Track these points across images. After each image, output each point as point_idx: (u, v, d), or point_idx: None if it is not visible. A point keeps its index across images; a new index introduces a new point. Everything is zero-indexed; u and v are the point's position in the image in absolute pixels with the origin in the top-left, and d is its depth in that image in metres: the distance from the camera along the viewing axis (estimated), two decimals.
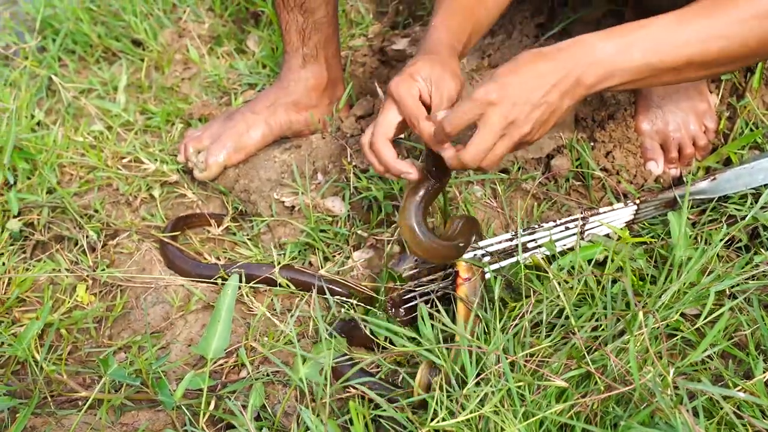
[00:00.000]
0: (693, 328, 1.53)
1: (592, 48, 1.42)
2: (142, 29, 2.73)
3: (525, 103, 1.41)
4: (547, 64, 1.41)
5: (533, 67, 1.41)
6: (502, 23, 2.40)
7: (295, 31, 2.12)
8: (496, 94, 1.39)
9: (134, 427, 1.62)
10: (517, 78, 1.40)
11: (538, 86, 1.41)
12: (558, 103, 1.43)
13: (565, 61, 1.42)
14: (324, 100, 2.22)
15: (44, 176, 2.17)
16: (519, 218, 1.92)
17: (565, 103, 1.45)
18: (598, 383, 1.37)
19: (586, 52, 1.42)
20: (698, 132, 2.00)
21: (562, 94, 1.43)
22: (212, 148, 2.14)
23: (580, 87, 1.43)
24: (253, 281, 1.88)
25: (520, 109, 1.41)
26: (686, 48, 1.44)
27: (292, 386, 1.55)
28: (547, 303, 1.54)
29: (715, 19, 1.43)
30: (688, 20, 1.43)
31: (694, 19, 1.43)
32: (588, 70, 1.41)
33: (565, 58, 1.42)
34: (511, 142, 1.45)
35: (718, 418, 1.36)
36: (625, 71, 1.43)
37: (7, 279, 1.94)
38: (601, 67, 1.42)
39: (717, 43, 1.44)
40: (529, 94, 1.41)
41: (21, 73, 2.62)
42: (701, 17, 1.43)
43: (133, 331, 1.87)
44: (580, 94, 1.45)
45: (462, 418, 1.35)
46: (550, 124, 1.47)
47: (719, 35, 1.43)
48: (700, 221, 1.83)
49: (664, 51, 1.43)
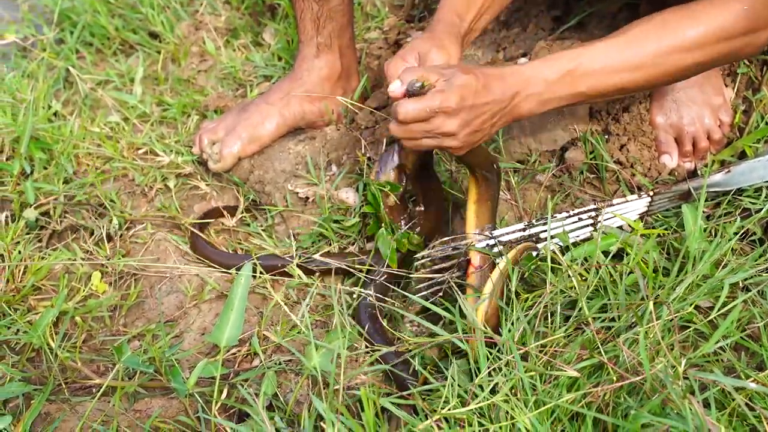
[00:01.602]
0: (706, 321, 1.53)
1: (533, 79, 1.55)
2: (159, 22, 2.74)
3: (466, 123, 1.51)
4: (495, 89, 1.51)
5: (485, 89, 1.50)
6: (517, 17, 2.40)
7: (310, 19, 2.12)
8: (454, 105, 1.47)
9: (147, 414, 1.63)
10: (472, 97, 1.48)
11: (483, 110, 1.51)
12: (489, 128, 1.56)
13: (509, 88, 1.53)
14: (337, 90, 2.22)
15: (61, 166, 2.18)
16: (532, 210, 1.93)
17: (494, 129, 1.58)
18: (610, 374, 1.37)
19: (527, 83, 1.54)
20: (713, 126, 2.00)
21: (496, 121, 1.56)
22: (227, 140, 2.15)
23: (512, 115, 1.57)
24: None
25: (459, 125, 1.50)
26: (616, 77, 1.57)
27: (304, 375, 1.56)
28: (560, 294, 1.55)
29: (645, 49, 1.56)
30: (620, 50, 1.56)
31: (626, 48, 1.56)
32: (525, 100, 1.55)
33: (510, 85, 1.53)
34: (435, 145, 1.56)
35: (729, 410, 1.36)
36: (557, 99, 1.58)
37: (23, 267, 1.95)
38: (537, 99, 1.57)
39: (644, 72, 1.58)
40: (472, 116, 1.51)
41: (39, 65, 2.63)
42: (631, 46, 1.56)
43: (147, 320, 1.88)
44: (509, 120, 1.60)
45: (473, 407, 1.35)
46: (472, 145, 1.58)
47: (645, 65, 1.57)
48: (715, 214, 1.83)
49: (594, 81, 1.57)
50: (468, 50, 2.32)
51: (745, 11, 1.52)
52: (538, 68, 1.55)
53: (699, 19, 1.54)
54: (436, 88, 1.47)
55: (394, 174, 1.79)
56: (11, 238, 2.00)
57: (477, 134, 1.54)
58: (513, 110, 1.56)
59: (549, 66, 1.55)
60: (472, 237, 1.72)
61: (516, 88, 1.53)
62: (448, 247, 1.72)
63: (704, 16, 1.54)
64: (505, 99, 1.53)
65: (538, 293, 1.65)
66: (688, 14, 1.55)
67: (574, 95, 1.58)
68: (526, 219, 1.91)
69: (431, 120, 1.48)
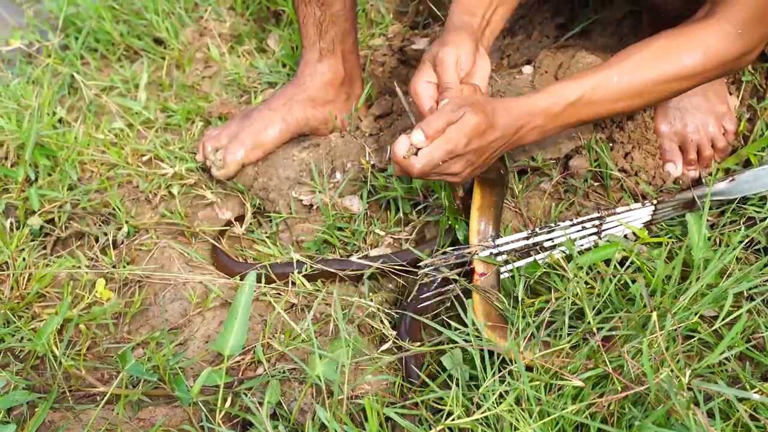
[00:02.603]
0: (710, 330, 1.53)
1: (536, 114, 1.57)
2: (163, 28, 2.75)
3: (471, 162, 1.55)
4: (501, 125, 1.54)
5: (492, 126, 1.52)
6: (522, 24, 2.40)
7: (313, 24, 2.13)
8: (462, 150, 1.50)
9: (151, 422, 1.63)
10: (478, 137, 1.51)
11: (488, 147, 1.54)
12: (490, 159, 1.59)
13: (513, 123, 1.56)
14: (341, 95, 2.22)
15: (65, 173, 2.18)
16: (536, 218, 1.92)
17: (493, 159, 1.61)
18: (615, 384, 1.37)
19: (531, 116, 1.57)
20: (717, 134, 2.00)
21: (497, 154, 1.60)
22: (230, 147, 2.15)
23: (514, 145, 1.61)
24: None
25: (464, 164, 1.54)
26: (616, 105, 1.61)
27: (308, 383, 1.56)
28: (564, 302, 1.55)
29: (645, 77, 1.59)
30: (620, 78, 1.58)
31: (628, 74, 1.58)
32: (528, 132, 1.59)
33: (515, 120, 1.56)
34: (438, 179, 1.59)
35: (734, 420, 1.36)
36: (557, 128, 1.62)
37: (27, 274, 1.95)
38: (539, 130, 1.59)
39: (644, 98, 1.62)
40: (477, 155, 1.55)
41: (43, 71, 2.64)
42: (635, 74, 1.58)
43: (151, 328, 1.88)
44: (510, 149, 1.63)
45: (477, 417, 1.35)
46: (471, 175, 1.61)
47: (645, 91, 1.60)
48: (719, 223, 1.82)
49: (594, 110, 1.60)
50: None
51: (740, 35, 1.55)
52: (542, 101, 1.57)
53: (696, 48, 1.56)
54: (445, 135, 1.49)
55: None
56: (16, 245, 2.00)
57: (478, 168, 1.59)
58: (516, 141, 1.59)
59: (553, 99, 1.57)
60: (475, 246, 1.72)
61: (521, 123, 1.56)
62: (451, 256, 1.73)
63: (702, 43, 1.56)
64: (509, 134, 1.55)
65: (542, 299, 1.65)
66: (685, 42, 1.57)
67: (574, 123, 1.62)
68: (530, 227, 1.91)
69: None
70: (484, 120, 1.50)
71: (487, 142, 1.52)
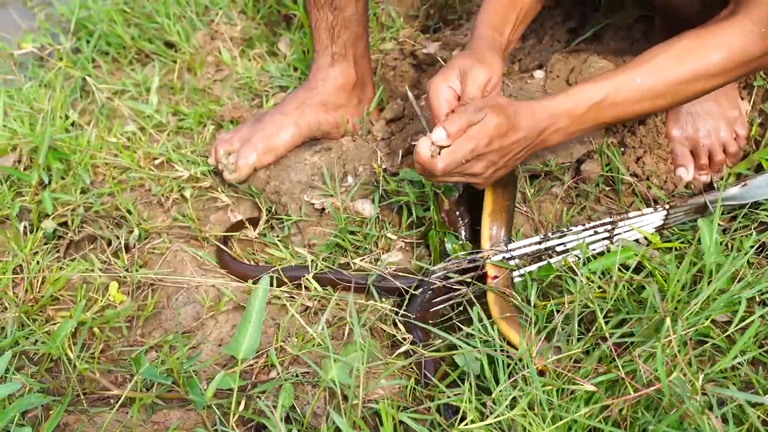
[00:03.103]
0: (723, 336, 1.53)
1: (560, 116, 1.58)
2: (174, 31, 2.76)
3: (493, 164, 1.58)
4: (524, 127, 1.56)
5: (514, 127, 1.55)
6: (533, 28, 2.40)
7: (325, 28, 2.14)
8: (483, 149, 1.53)
9: (165, 425, 1.64)
10: (500, 138, 1.54)
11: (510, 148, 1.57)
12: (513, 162, 1.62)
13: (536, 125, 1.58)
14: (353, 100, 2.23)
15: (78, 176, 2.19)
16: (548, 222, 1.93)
17: (518, 162, 1.64)
18: (628, 389, 1.37)
19: (555, 119, 1.59)
20: (729, 138, 2.00)
21: (521, 155, 1.62)
22: (242, 150, 2.16)
23: (538, 147, 1.63)
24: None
25: (486, 166, 1.58)
26: (638, 106, 1.61)
27: (321, 387, 1.57)
28: (577, 306, 1.55)
29: (668, 78, 1.59)
30: (644, 79, 1.58)
31: (651, 75, 1.58)
32: (552, 135, 1.60)
33: (538, 122, 1.57)
34: (461, 181, 1.64)
35: (747, 425, 1.36)
36: (581, 131, 1.63)
37: (41, 278, 1.96)
38: (563, 132, 1.61)
39: (667, 99, 1.62)
40: (500, 156, 1.58)
41: (56, 74, 2.65)
42: (658, 75, 1.58)
43: (165, 331, 1.89)
44: (534, 152, 1.66)
45: (491, 421, 1.36)
46: (495, 177, 1.65)
47: (668, 92, 1.60)
48: (731, 227, 1.82)
49: (618, 111, 1.61)
50: None
51: (763, 34, 1.54)
52: (565, 103, 1.58)
53: (720, 47, 1.55)
54: (467, 134, 1.51)
55: None
56: (30, 248, 2.01)
57: (501, 170, 1.60)
58: (540, 144, 1.61)
59: (576, 100, 1.58)
60: (487, 251, 1.73)
61: (544, 125, 1.57)
62: (463, 260, 1.73)
63: (725, 42, 1.55)
64: (532, 136, 1.57)
65: (554, 302, 1.66)
66: (708, 41, 1.56)
67: (598, 125, 1.63)
68: (542, 231, 1.91)
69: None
70: (505, 121, 1.51)
71: (510, 142, 1.54)
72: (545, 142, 1.61)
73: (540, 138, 1.58)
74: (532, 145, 1.59)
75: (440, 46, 2.52)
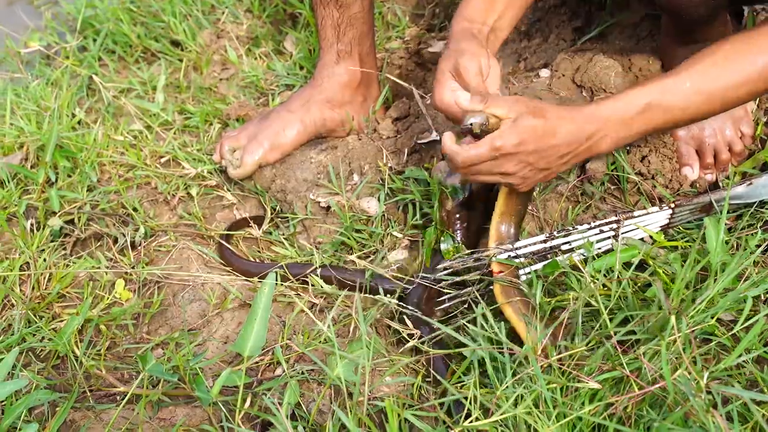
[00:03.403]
0: (729, 334, 1.53)
1: (608, 120, 1.55)
2: (181, 30, 2.76)
3: (528, 165, 1.55)
4: (567, 131, 1.53)
5: (554, 132, 1.52)
6: (538, 27, 2.40)
7: (330, 26, 2.14)
8: (512, 149, 1.51)
9: (171, 422, 1.64)
10: (536, 140, 1.52)
11: (550, 152, 1.54)
12: (557, 167, 1.59)
13: (582, 131, 1.54)
14: (357, 97, 2.23)
15: (85, 174, 2.20)
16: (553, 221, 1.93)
17: (563, 168, 1.61)
18: (632, 387, 1.37)
19: (603, 124, 1.55)
20: (734, 137, 1.99)
21: (566, 161, 1.58)
22: (248, 147, 2.16)
23: (586, 154, 1.59)
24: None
25: (521, 167, 1.55)
26: (691, 110, 1.57)
27: (326, 384, 1.57)
28: (582, 304, 1.55)
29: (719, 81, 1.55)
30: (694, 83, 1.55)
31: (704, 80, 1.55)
32: (601, 141, 1.56)
33: (583, 128, 1.54)
34: (495, 181, 1.62)
35: (752, 424, 1.36)
36: (632, 136, 1.58)
37: (48, 275, 1.97)
38: (613, 138, 1.57)
39: (718, 104, 1.58)
40: (537, 158, 1.55)
41: (62, 73, 2.66)
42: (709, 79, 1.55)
43: (171, 328, 1.89)
44: (583, 159, 1.62)
45: (496, 418, 1.36)
46: (537, 181, 1.64)
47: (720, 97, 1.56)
48: (737, 226, 1.82)
49: (670, 115, 1.57)
50: None
51: None
52: (612, 108, 1.56)
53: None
54: (498, 130, 1.52)
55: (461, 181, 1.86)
56: (36, 245, 2.02)
57: (542, 173, 1.59)
58: (589, 150, 1.58)
59: (625, 104, 1.56)
60: (493, 249, 1.73)
61: (591, 130, 1.55)
62: (470, 259, 1.73)
63: None
64: (576, 141, 1.55)
65: (559, 298, 1.66)
66: (757, 43, 1.54)
67: (647, 130, 1.60)
68: (548, 229, 1.91)
69: (492, 161, 1.54)
70: (542, 124, 1.51)
71: (547, 146, 1.52)
72: (594, 148, 1.57)
73: (588, 144, 1.56)
74: (580, 151, 1.57)
75: (446, 45, 2.52)
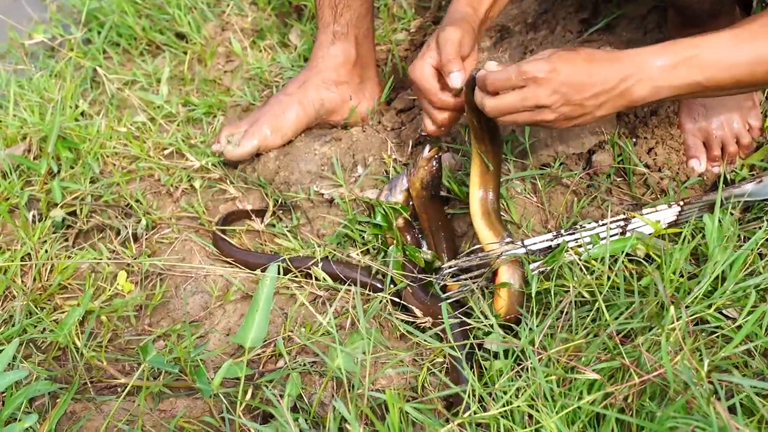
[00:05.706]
0: (734, 326, 1.51)
1: (645, 64, 1.48)
2: (185, 22, 2.75)
3: (562, 96, 1.47)
4: (602, 69, 1.47)
5: (588, 67, 1.47)
6: (545, 18, 2.38)
7: (328, 6, 2.15)
8: (543, 74, 1.46)
9: (172, 414, 1.63)
10: (569, 69, 1.46)
11: (583, 87, 1.47)
12: (593, 108, 1.50)
13: (618, 71, 1.47)
14: (354, 78, 2.22)
15: (87, 165, 2.19)
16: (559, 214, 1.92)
17: (600, 112, 1.52)
18: (632, 377, 1.36)
19: (640, 67, 1.48)
20: (742, 130, 1.98)
21: (602, 102, 1.50)
22: (249, 132, 2.15)
23: (623, 99, 1.50)
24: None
25: (555, 98, 1.48)
26: (735, 69, 1.49)
27: (328, 376, 1.56)
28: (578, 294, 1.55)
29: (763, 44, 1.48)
30: (741, 42, 1.48)
31: (748, 41, 1.48)
32: (637, 85, 1.48)
33: (619, 69, 1.47)
34: (531, 119, 1.53)
35: (758, 417, 1.35)
36: (672, 88, 1.50)
37: (50, 266, 1.96)
38: (650, 84, 1.49)
39: (755, 70, 1.50)
40: (570, 90, 1.47)
41: (66, 65, 2.65)
42: (755, 40, 1.48)
43: (172, 320, 1.89)
44: (621, 105, 1.52)
45: (494, 412, 1.35)
46: (574, 123, 1.54)
47: (759, 63, 1.49)
48: (744, 219, 1.80)
49: (713, 72, 1.49)
50: (495, 52, 2.32)
51: None
52: (650, 53, 1.50)
53: None
54: (532, 57, 1.49)
55: (403, 196, 1.91)
56: (38, 237, 2.01)
57: (577, 111, 1.51)
58: (624, 94, 1.50)
59: (663, 52, 1.50)
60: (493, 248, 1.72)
61: (626, 72, 1.48)
62: (475, 258, 1.72)
63: None
64: (611, 81, 1.48)
65: (552, 283, 1.65)
66: None
67: (689, 85, 1.51)
68: (553, 222, 1.90)
69: (522, 90, 1.49)
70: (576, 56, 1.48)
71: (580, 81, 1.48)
72: (630, 92, 1.50)
73: (623, 87, 1.49)
74: (615, 94, 1.49)
75: None
